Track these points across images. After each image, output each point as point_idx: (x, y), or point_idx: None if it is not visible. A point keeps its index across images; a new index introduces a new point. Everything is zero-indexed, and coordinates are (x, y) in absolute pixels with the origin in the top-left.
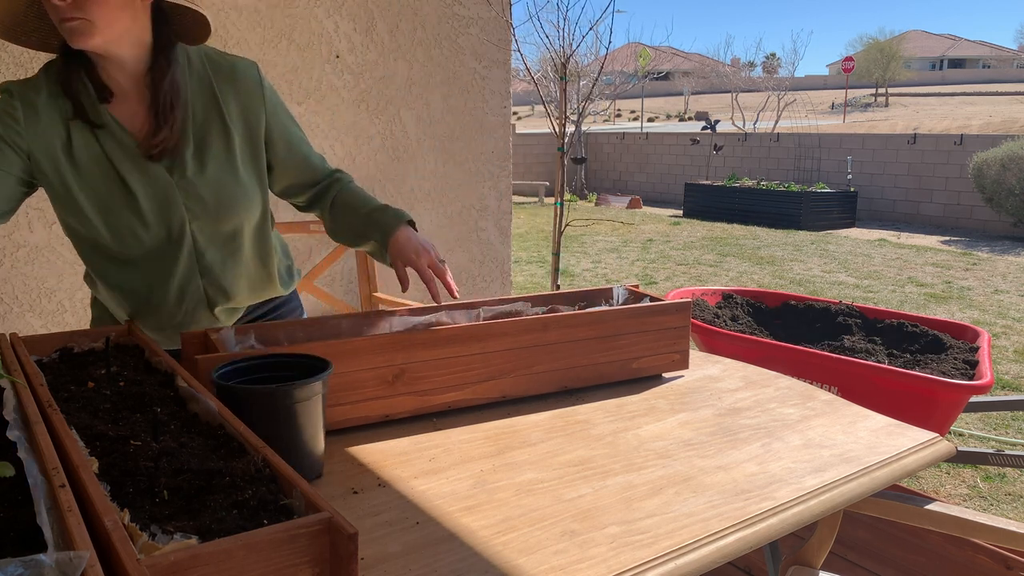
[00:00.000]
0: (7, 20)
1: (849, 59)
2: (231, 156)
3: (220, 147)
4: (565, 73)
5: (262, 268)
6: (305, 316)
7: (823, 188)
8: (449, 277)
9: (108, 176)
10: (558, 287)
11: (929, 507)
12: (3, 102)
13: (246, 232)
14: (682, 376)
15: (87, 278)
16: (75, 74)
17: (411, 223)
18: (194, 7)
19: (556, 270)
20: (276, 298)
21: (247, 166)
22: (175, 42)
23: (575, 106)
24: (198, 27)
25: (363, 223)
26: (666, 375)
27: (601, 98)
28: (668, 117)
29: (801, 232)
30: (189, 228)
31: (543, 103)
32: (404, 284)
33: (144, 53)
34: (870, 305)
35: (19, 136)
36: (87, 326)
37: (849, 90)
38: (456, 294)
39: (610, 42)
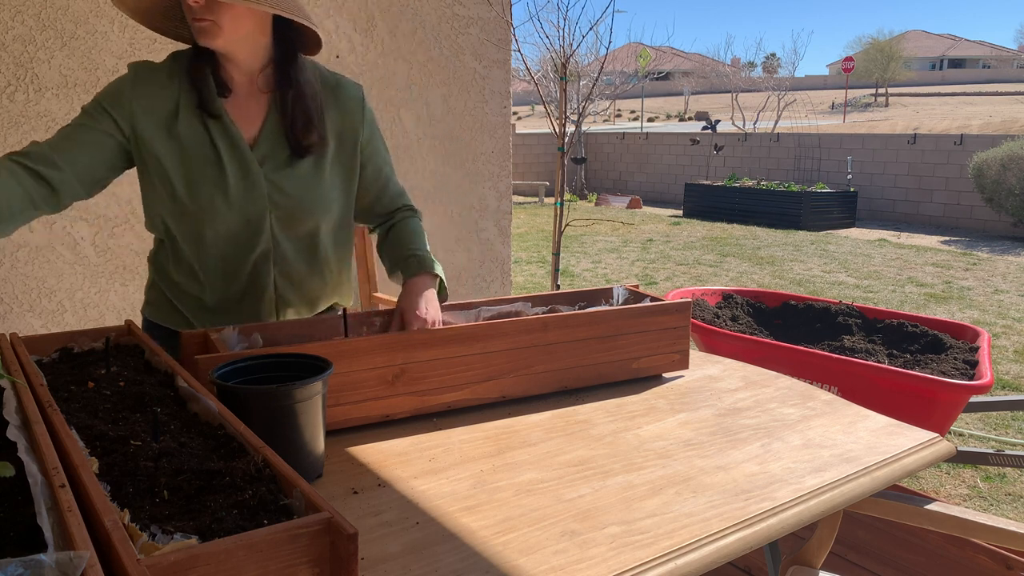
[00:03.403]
0: (151, 8)
1: (849, 59)
2: (321, 162)
3: (314, 154)
4: (565, 73)
5: (338, 273)
6: None
7: (823, 188)
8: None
9: (205, 156)
10: (558, 287)
11: (929, 507)
12: (121, 79)
13: (323, 234)
14: (682, 376)
15: (154, 257)
16: (203, 67)
17: (439, 279)
18: (310, 25)
19: (556, 270)
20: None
21: (335, 175)
22: (298, 52)
23: (575, 106)
24: (311, 42)
25: (398, 259)
26: (666, 375)
27: (601, 98)
28: (668, 117)
29: (801, 232)
30: (269, 217)
31: (543, 103)
32: (393, 326)
33: (262, 59)
34: (870, 305)
35: (121, 107)
36: (87, 326)
37: (849, 90)
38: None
39: (610, 42)
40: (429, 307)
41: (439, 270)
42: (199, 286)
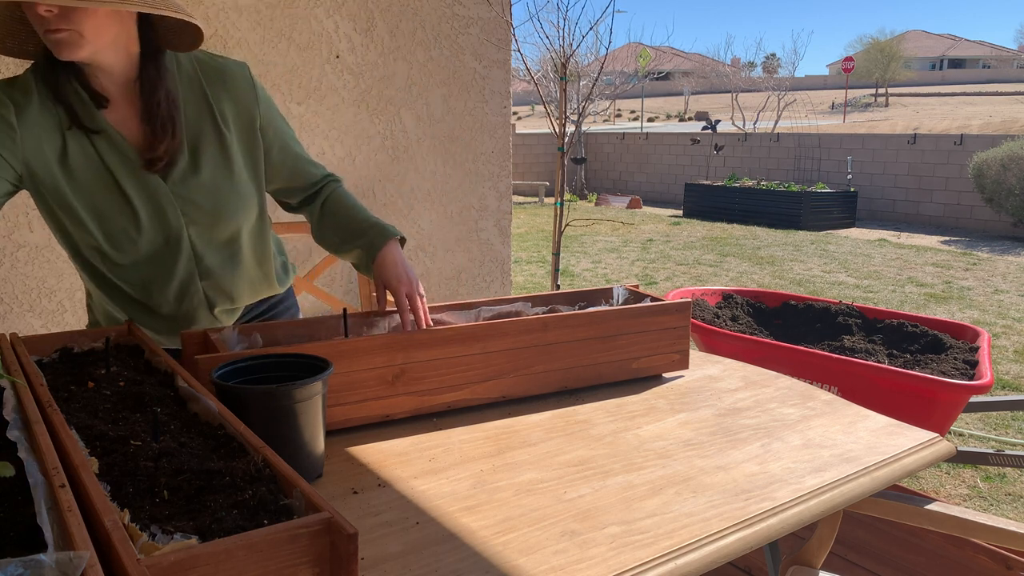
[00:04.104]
0: None
1: (849, 59)
2: (227, 159)
3: (215, 151)
4: (565, 73)
5: (260, 268)
6: (300, 313)
7: (823, 188)
8: (423, 311)
9: (104, 182)
10: (558, 287)
11: (929, 507)
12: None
13: (244, 234)
14: (682, 376)
15: (87, 300)
16: (65, 81)
17: (402, 240)
18: (181, 17)
19: (556, 270)
20: (272, 296)
21: (244, 168)
22: (163, 50)
23: (575, 106)
24: (188, 35)
25: (351, 233)
26: (666, 375)
27: (601, 98)
28: (668, 117)
29: (801, 232)
30: (187, 233)
31: (543, 103)
32: (381, 306)
33: (132, 61)
34: (870, 305)
35: (13, 144)
36: (87, 326)
37: (849, 90)
38: (426, 327)
39: (610, 42)
40: (410, 274)
41: (397, 230)
42: (127, 311)
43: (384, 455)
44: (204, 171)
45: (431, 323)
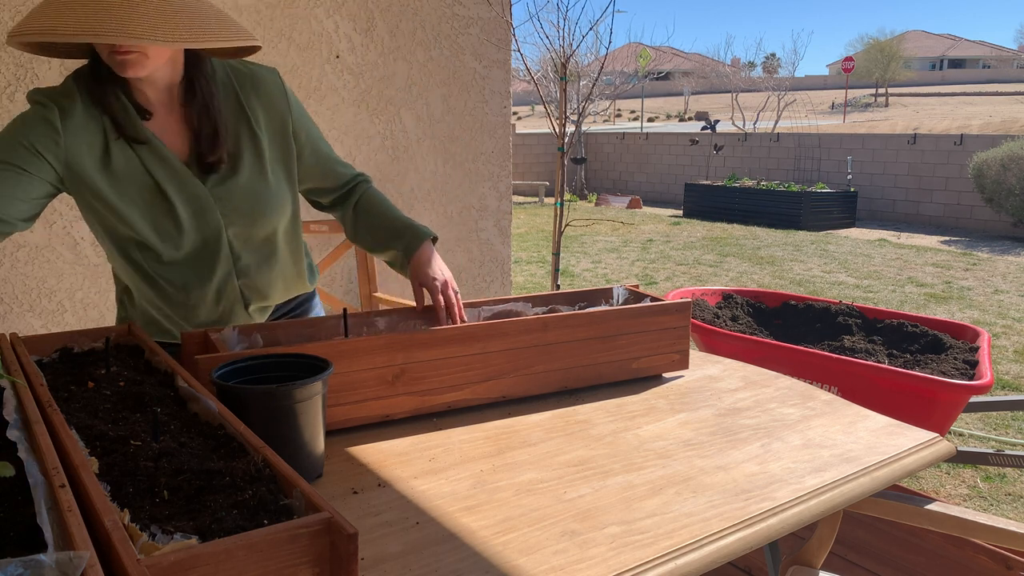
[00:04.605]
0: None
1: (849, 59)
2: (261, 162)
3: (251, 155)
4: (565, 73)
5: (294, 267)
6: (323, 312)
7: (823, 188)
8: (458, 307)
9: (146, 186)
10: (558, 287)
11: (929, 507)
12: (40, 111)
13: (280, 234)
14: (682, 376)
15: (117, 279)
16: (111, 93)
17: (434, 239)
18: (250, 43)
19: (556, 270)
20: (301, 295)
21: (277, 171)
22: (203, 57)
23: (575, 106)
24: (238, 48)
25: (387, 234)
26: (666, 375)
27: (601, 98)
28: (668, 117)
29: (801, 232)
30: (226, 234)
31: (543, 103)
32: (419, 304)
33: (177, 70)
34: (870, 305)
35: (56, 147)
36: (87, 326)
37: (849, 90)
38: (461, 322)
39: (610, 42)
40: (445, 273)
41: (431, 231)
42: (166, 307)
43: (384, 455)
44: (242, 174)
45: (465, 319)
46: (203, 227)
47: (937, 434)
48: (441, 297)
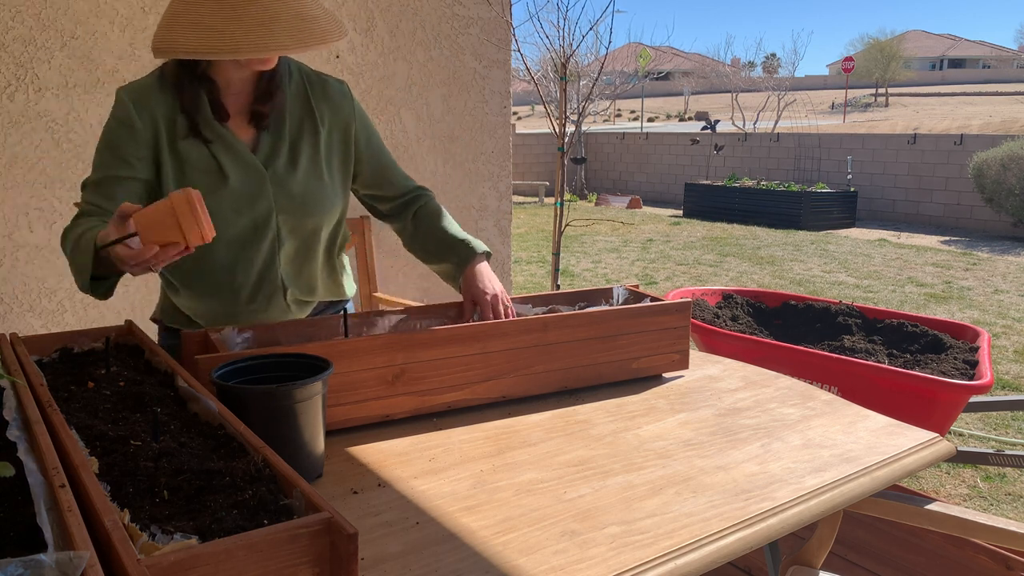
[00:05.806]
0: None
1: (849, 59)
2: (319, 160)
3: (311, 151)
4: (565, 73)
5: (328, 265)
6: None
7: (823, 188)
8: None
9: (208, 166)
10: (558, 287)
11: (929, 507)
12: (123, 111)
13: (323, 232)
14: (682, 376)
15: (162, 274)
16: (195, 94)
17: (487, 255)
18: (343, 37)
19: (556, 270)
20: (341, 301)
21: (334, 172)
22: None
23: (575, 106)
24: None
25: (442, 247)
26: (666, 375)
27: (601, 98)
28: (668, 117)
29: (801, 232)
30: (275, 219)
31: (543, 103)
32: (466, 316)
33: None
34: (870, 305)
35: (143, 140)
36: (87, 326)
37: (849, 90)
38: None
39: (610, 42)
40: (496, 288)
41: (484, 246)
42: (208, 289)
43: (384, 455)
44: (300, 168)
45: None
46: (255, 208)
47: (937, 434)
48: (490, 313)
